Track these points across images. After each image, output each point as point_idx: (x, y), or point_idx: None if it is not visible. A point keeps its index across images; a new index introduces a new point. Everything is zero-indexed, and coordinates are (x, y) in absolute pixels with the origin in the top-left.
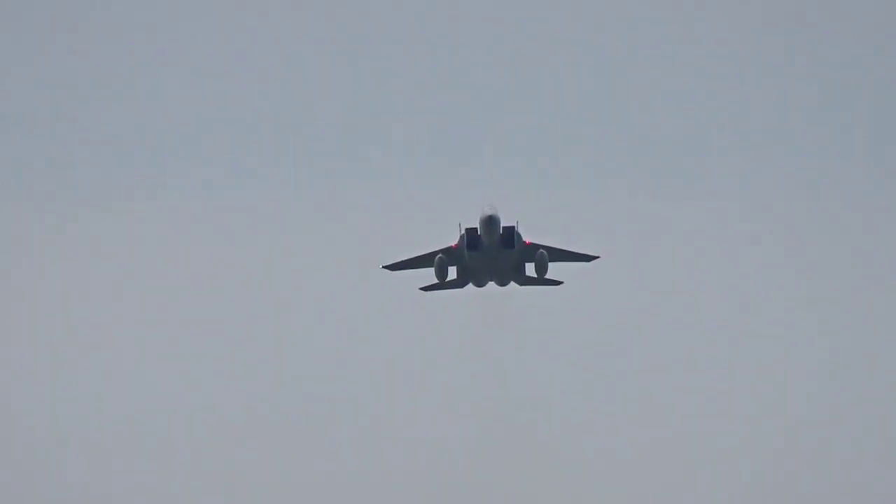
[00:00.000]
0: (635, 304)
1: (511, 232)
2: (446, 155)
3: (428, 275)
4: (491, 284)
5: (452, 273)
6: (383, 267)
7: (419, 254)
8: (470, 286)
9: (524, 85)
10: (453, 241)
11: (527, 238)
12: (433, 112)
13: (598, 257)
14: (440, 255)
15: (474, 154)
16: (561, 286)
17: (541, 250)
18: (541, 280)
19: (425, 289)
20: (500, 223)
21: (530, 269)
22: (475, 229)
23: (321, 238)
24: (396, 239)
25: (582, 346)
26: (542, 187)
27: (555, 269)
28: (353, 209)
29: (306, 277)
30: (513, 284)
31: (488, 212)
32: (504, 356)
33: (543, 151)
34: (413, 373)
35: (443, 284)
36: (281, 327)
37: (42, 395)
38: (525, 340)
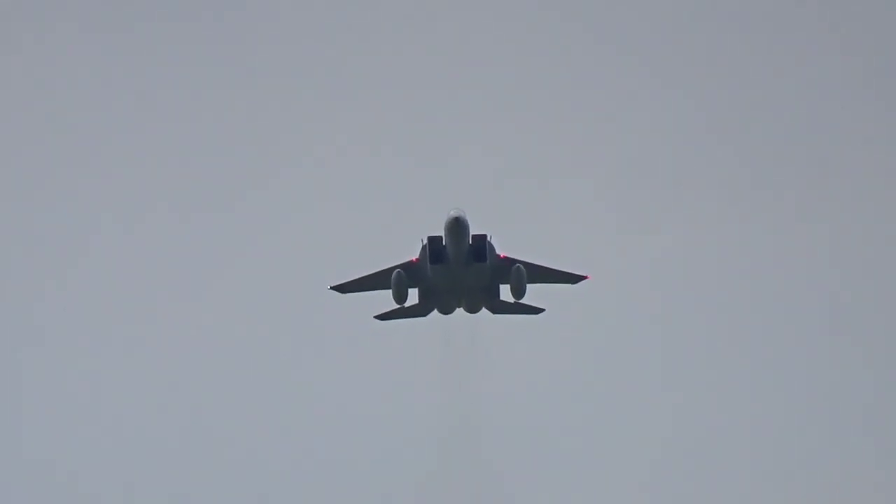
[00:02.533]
0: (629, 335)
1: (482, 241)
2: (408, 158)
3: (384, 298)
4: (459, 312)
5: (414, 297)
6: (331, 288)
7: (374, 271)
8: (434, 314)
9: (501, 83)
10: (414, 255)
11: (501, 251)
12: (396, 108)
13: (586, 277)
14: (398, 270)
15: (443, 159)
16: (542, 314)
17: (517, 265)
18: (518, 306)
19: (381, 317)
20: (468, 229)
21: (505, 292)
22: (440, 238)
23: (257, 254)
24: (347, 255)
25: (565, 386)
26: (519, 196)
27: (535, 293)
28: (295, 219)
29: (239, 301)
30: (485, 311)
31: (454, 214)
32: (471, 401)
33: (521, 156)
34: (365, 423)
35: (402, 311)
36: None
37: None
38: (497, 381)
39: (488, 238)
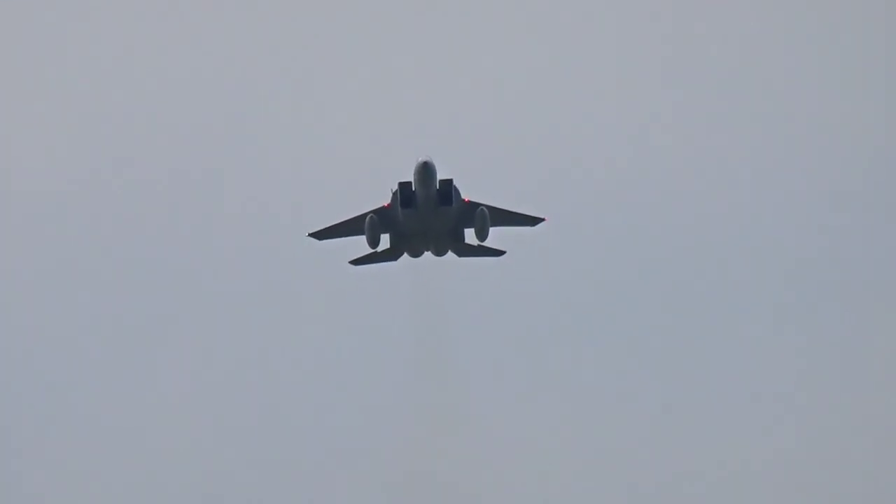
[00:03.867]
0: (588, 276)
1: (448, 185)
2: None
3: (359, 244)
4: (427, 255)
5: (385, 242)
6: (309, 234)
7: (348, 217)
8: (405, 257)
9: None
10: (381, 203)
11: (466, 196)
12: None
13: (543, 220)
14: (371, 215)
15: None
16: (503, 256)
17: (481, 207)
18: (481, 249)
19: (355, 262)
20: (436, 174)
21: (470, 236)
22: (409, 183)
23: (238, 203)
24: (323, 203)
25: (529, 324)
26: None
27: (496, 237)
28: (272, 167)
29: (227, 250)
30: (451, 255)
31: (423, 159)
32: (439, 338)
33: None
34: (343, 359)
35: (375, 255)
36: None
37: None
38: (462, 320)
39: (453, 183)
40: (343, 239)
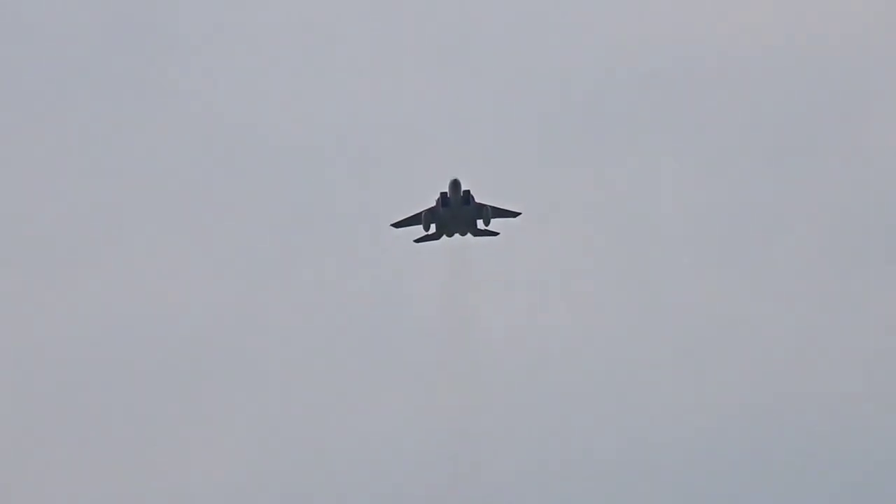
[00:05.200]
0: (557, 252)
1: (468, 193)
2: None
3: (418, 229)
4: (456, 236)
5: (433, 228)
6: (391, 224)
7: (412, 213)
8: (444, 238)
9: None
10: (432, 204)
11: (478, 200)
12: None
13: (520, 213)
14: (425, 212)
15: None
16: (498, 237)
17: (486, 207)
18: (487, 232)
19: (417, 240)
20: (461, 187)
21: (479, 224)
22: (446, 193)
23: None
24: (399, 205)
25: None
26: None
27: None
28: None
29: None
30: (469, 236)
31: (453, 178)
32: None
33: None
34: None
35: (429, 237)
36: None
37: None
38: (478, 268)
39: (470, 191)
40: (410, 228)
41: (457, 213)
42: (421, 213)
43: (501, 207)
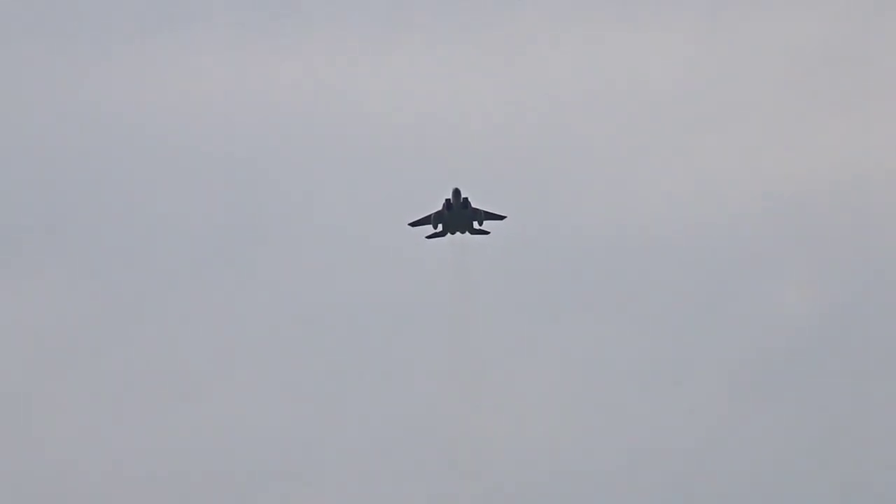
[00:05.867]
0: (538, 249)
1: (466, 200)
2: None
3: (428, 229)
4: (458, 234)
5: (440, 228)
6: (408, 224)
7: (424, 215)
8: (448, 235)
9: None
10: (439, 207)
11: (474, 204)
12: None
13: (505, 216)
14: (434, 214)
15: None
16: (489, 235)
17: (480, 210)
18: (480, 231)
19: (428, 237)
20: (461, 194)
21: (475, 225)
22: (449, 199)
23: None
24: (415, 208)
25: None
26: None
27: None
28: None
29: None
30: (467, 234)
31: (454, 187)
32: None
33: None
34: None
35: (436, 234)
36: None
37: None
38: (473, 258)
39: (468, 198)
40: (422, 227)
41: (458, 216)
42: (430, 215)
43: (490, 211)
